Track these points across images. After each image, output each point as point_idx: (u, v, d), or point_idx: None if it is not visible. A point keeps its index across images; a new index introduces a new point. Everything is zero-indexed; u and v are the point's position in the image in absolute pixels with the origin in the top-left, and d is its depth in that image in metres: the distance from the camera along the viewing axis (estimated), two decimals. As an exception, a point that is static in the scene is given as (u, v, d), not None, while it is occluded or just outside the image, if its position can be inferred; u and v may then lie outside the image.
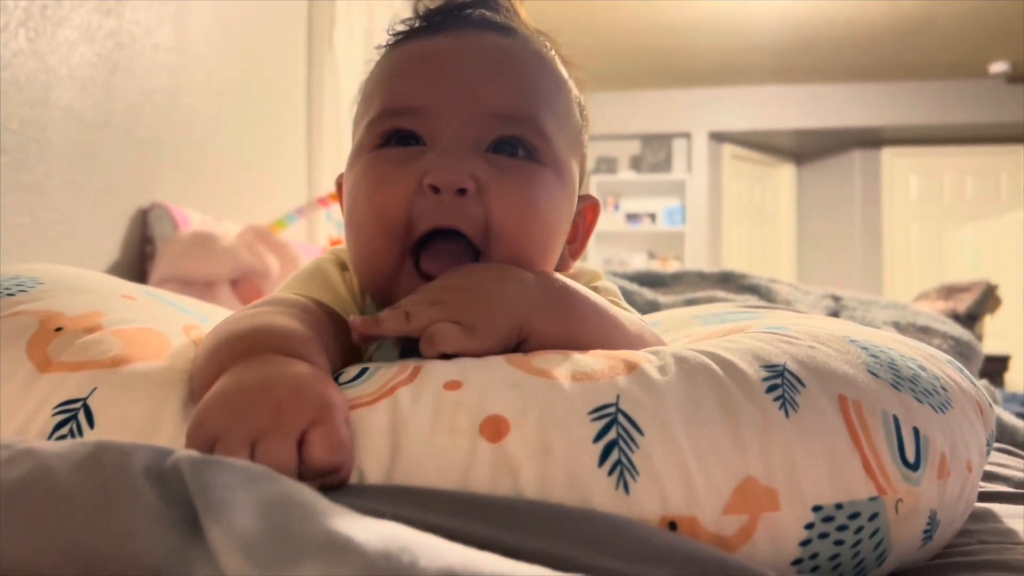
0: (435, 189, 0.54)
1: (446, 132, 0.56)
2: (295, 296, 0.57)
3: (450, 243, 0.55)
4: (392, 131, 0.57)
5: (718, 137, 6.47)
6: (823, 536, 0.42)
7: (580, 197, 0.65)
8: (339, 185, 0.67)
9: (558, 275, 0.56)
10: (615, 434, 0.41)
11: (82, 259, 1.80)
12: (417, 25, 0.61)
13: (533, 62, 0.60)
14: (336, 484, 0.40)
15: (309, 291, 0.59)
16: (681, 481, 0.41)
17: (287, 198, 2.77)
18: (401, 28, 0.62)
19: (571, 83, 0.64)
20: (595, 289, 0.63)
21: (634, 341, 0.55)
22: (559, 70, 0.62)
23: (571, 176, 0.60)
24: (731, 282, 1.56)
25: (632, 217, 6.52)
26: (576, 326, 0.53)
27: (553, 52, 0.63)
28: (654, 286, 1.56)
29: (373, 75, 0.62)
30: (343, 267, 0.63)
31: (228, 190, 2.50)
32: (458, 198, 0.54)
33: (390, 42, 0.62)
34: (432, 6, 0.62)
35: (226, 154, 2.48)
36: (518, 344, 0.52)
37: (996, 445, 0.98)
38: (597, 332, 0.53)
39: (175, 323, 0.59)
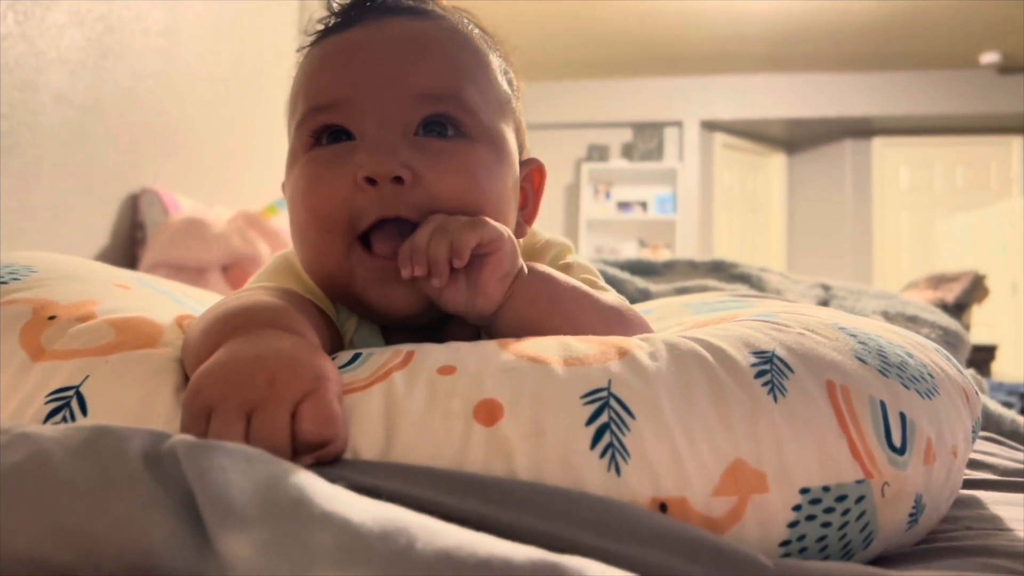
0: (371, 181, 0.54)
1: (372, 121, 0.56)
2: (270, 285, 0.58)
3: (397, 225, 0.55)
4: (321, 128, 0.57)
5: (710, 126, 6.47)
6: (811, 518, 0.43)
7: (524, 162, 0.65)
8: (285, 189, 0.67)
9: (537, 267, 0.56)
10: (607, 417, 0.42)
11: (72, 244, 1.79)
12: (332, 22, 0.61)
13: (450, 40, 0.60)
14: (330, 458, 0.40)
15: (281, 282, 0.59)
16: (672, 464, 0.41)
17: (278, 183, 2.76)
18: (318, 27, 0.62)
19: (494, 55, 0.63)
20: (566, 266, 0.64)
21: (612, 325, 0.55)
22: (477, 44, 0.62)
23: (506, 145, 0.60)
24: (722, 271, 1.57)
25: (623, 205, 6.52)
26: (542, 318, 0.53)
27: (472, 27, 0.63)
28: (645, 275, 1.56)
29: (297, 77, 0.62)
30: None
31: (219, 176, 2.49)
32: (396, 187, 0.54)
33: (309, 42, 0.62)
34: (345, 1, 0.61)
35: (217, 139, 2.47)
36: (483, 331, 0.53)
37: (982, 434, 0.99)
38: (567, 322, 0.53)
39: (168, 312, 0.60)
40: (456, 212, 0.54)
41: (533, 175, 0.67)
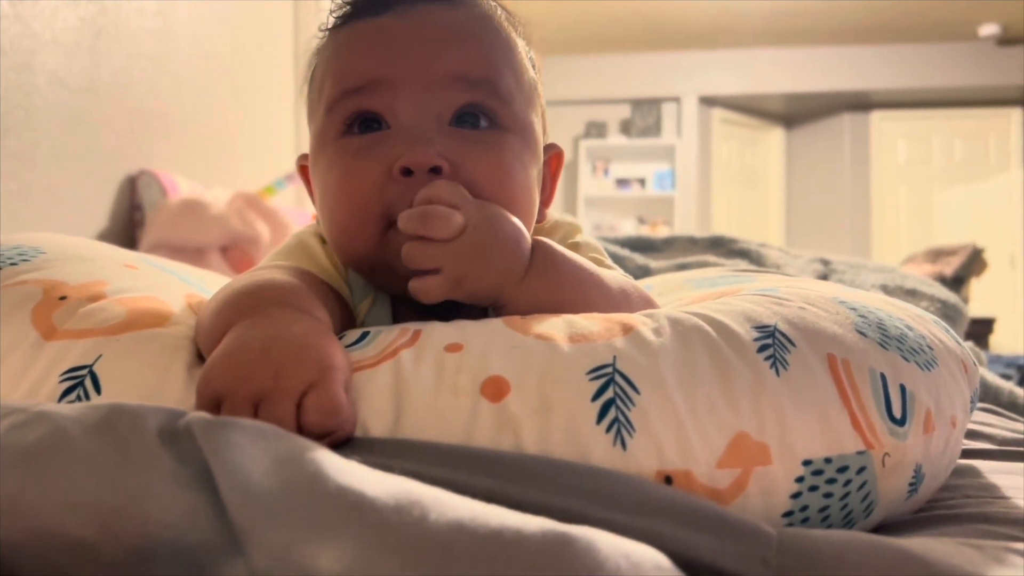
0: (407, 171, 0.54)
1: (407, 105, 0.56)
2: (285, 264, 0.58)
3: None
4: (354, 115, 0.57)
5: (708, 101, 6.45)
6: (813, 489, 0.43)
7: (545, 147, 0.65)
8: (301, 167, 0.67)
9: (551, 244, 0.56)
10: (612, 393, 0.43)
11: (71, 227, 1.79)
12: (362, 5, 0.60)
13: (483, 27, 0.60)
14: (337, 443, 0.41)
15: (295, 263, 0.60)
16: (676, 437, 0.42)
17: (276, 164, 2.76)
18: (344, 10, 0.61)
19: (520, 40, 0.63)
20: (575, 245, 0.64)
21: (619, 303, 0.55)
22: (508, 30, 0.62)
23: (535, 135, 0.61)
24: (721, 247, 1.57)
25: (622, 182, 6.51)
26: (557, 296, 0.54)
27: (500, 11, 0.63)
28: (645, 251, 1.57)
29: (322, 58, 0.61)
30: (323, 240, 0.63)
31: (216, 156, 2.49)
32: (432, 177, 0.54)
33: (334, 24, 0.62)
34: None
35: (214, 120, 2.46)
36: (493, 306, 0.53)
37: (980, 405, 1.00)
38: (579, 299, 0.54)
39: (176, 291, 0.60)
40: (491, 202, 0.55)
41: (552, 160, 0.67)
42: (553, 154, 0.67)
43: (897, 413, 0.46)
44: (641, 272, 1.37)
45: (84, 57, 1.83)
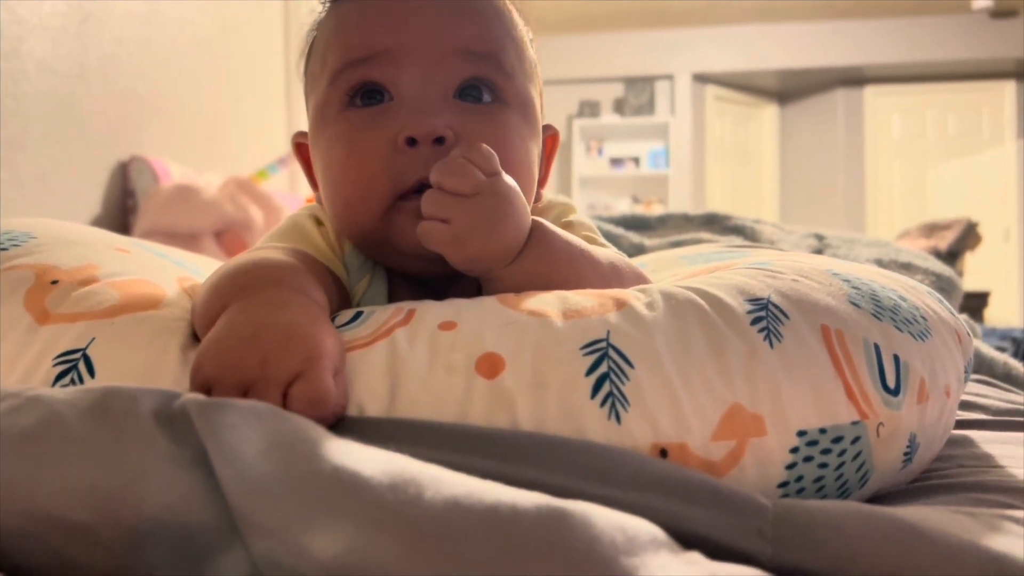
0: (412, 141, 0.54)
1: (412, 78, 0.56)
2: (282, 246, 0.58)
3: None
4: (358, 85, 0.57)
5: (701, 79, 6.42)
6: (808, 459, 0.44)
7: (543, 128, 0.65)
8: (297, 145, 0.67)
9: (545, 223, 0.56)
10: (606, 367, 0.43)
11: (64, 214, 1.79)
12: None
13: (486, 1, 0.60)
14: (330, 424, 0.41)
15: (291, 244, 0.59)
16: (671, 410, 0.42)
17: (268, 148, 2.75)
18: None
19: (520, 17, 0.63)
20: (568, 224, 0.64)
21: (610, 279, 0.55)
22: (509, 6, 0.62)
23: (535, 112, 0.61)
24: (716, 224, 1.57)
25: (616, 161, 6.49)
26: (549, 274, 0.53)
27: None
28: (640, 229, 1.57)
29: (324, 29, 0.61)
30: (318, 222, 0.63)
31: (208, 141, 2.47)
32: (437, 148, 0.54)
33: None
34: None
35: (204, 104, 2.45)
36: (485, 282, 0.53)
37: (975, 377, 1.00)
38: (571, 276, 0.54)
39: (169, 274, 0.60)
40: None
41: (548, 140, 0.67)
42: (549, 135, 0.67)
43: (891, 383, 0.47)
44: (636, 250, 1.37)
45: (72, 42, 1.82)
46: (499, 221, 0.51)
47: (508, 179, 0.53)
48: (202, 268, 0.71)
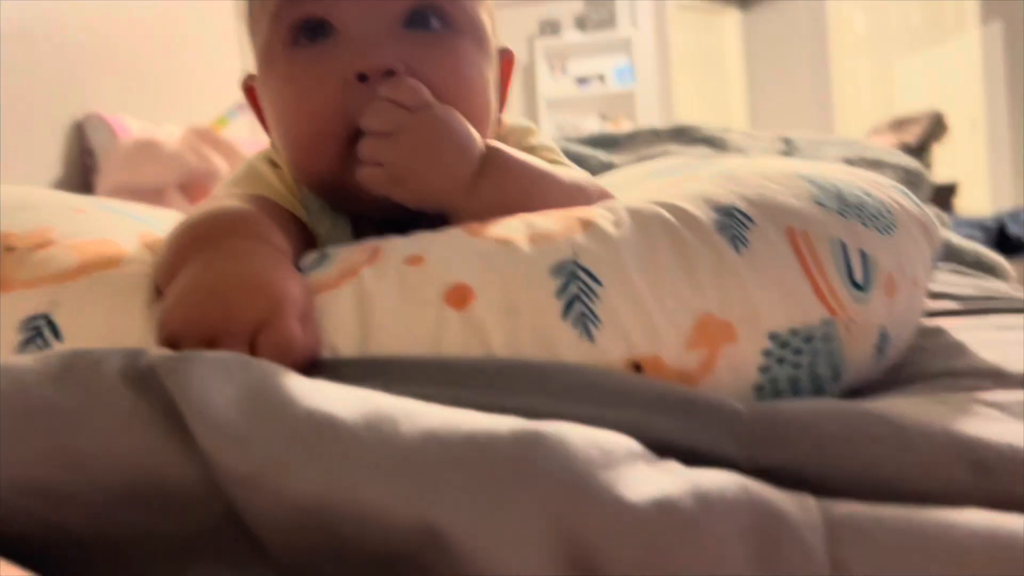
0: (362, 77, 0.52)
1: (355, 10, 0.53)
2: (239, 192, 0.57)
3: None
4: (299, 21, 0.54)
5: (661, -12, 6.31)
6: (780, 361, 0.44)
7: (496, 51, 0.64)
8: (247, 88, 0.64)
9: (500, 146, 0.55)
10: (576, 288, 0.43)
11: (21, 179, 1.74)
12: None
13: None
14: (302, 367, 0.41)
15: (249, 190, 0.58)
16: (642, 324, 0.42)
17: (225, 94, 2.68)
18: None
19: None
20: (530, 147, 0.63)
21: (575, 199, 0.54)
22: None
23: (486, 35, 0.59)
24: (684, 136, 1.56)
25: (581, 80, 6.40)
26: (511, 200, 0.53)
27: None
28: (608, 147, 1.55)
29: None
30: (275, 165, 0.62)
31: (163, 92, 2.41)
32: (388, 81, 0.52)
33: None
34: None
35: (156, 54, 2.37)
36: (449, 216, 0.53)
37: (947, 266, 1.02)
38: (534, 200, 0.53)
39: (129, 231, 0.59)
40: (448, 104, 0.53)
41: (503, 64, 0.65)
42: (504, 58, 0.65)
43: (859, 279, 0.47)
44: (605, 168, 1.36)
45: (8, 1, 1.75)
46: (434, 153, 0.51)
47: (442, 109, 0.52)
48: (163, 223, 0.69)
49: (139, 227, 0.61)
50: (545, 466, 0.29)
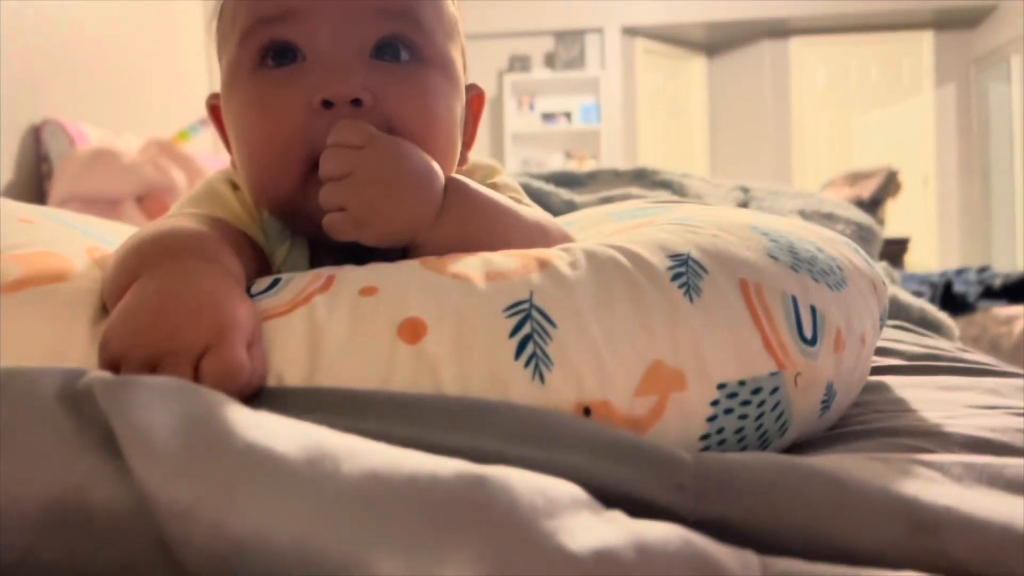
0: (328, 104, 0.52)
1: (325, 36, 0.53)
2: (196, 212, 0.56)
3: None
4: (268, 44, 0.54)
5: (630, 31, 6.42)
6: (728, 412, 0.44)
7: (466, 87, 0.64)
8: (211, 107, 0.64)
9: (464, 181, 0.55)
10: (529, 328, 0.43)
11: (-28, 183, 1.70)
12: None
13: None
14: (248, 396, 0.40)
15: (206, 210, 0.57)
16: (594, 368, 0.42)
17: (189, 108, 2.65)
18: None
19: None
20: (493, 186, 0.63)
21: (537, 239, 0.55)
22: None
23: (456, 70, 0.59)
24: (645, 178, 1.58)
25: (547, 116, 6.47)
26: (474, 235, 0.52)
27: None
28: (570, 186, 1.57)
29: None
30: (235, 186, 0.61)
31: (126, 102, 2.38)
32: (354, 110, 0.52)
33: None
34: None
35: (121, 63, 2.35)
36: (409, 248, 0.52)
37: (892, 322, 1.04)
38: (496, 237, 0.53)
39: (77, 245, 0.57)
40: (412, 138, 0.53)
41: (473, 101, 0.65)
42: (474, 95, 0.65)
43: (808, 333, 0.48)
44: (567, 207, 1.37)
45: (-31, -1, 1.72)
46: (395, 192, 0.50)
47: (389, 140, 0.51)
48: (115, 237, 0.68)
49: (88, 241, 0.60)
50: (487, 511, 0.28)
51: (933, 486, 0.37)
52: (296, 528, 0.28)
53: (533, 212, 0.59)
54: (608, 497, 0.33)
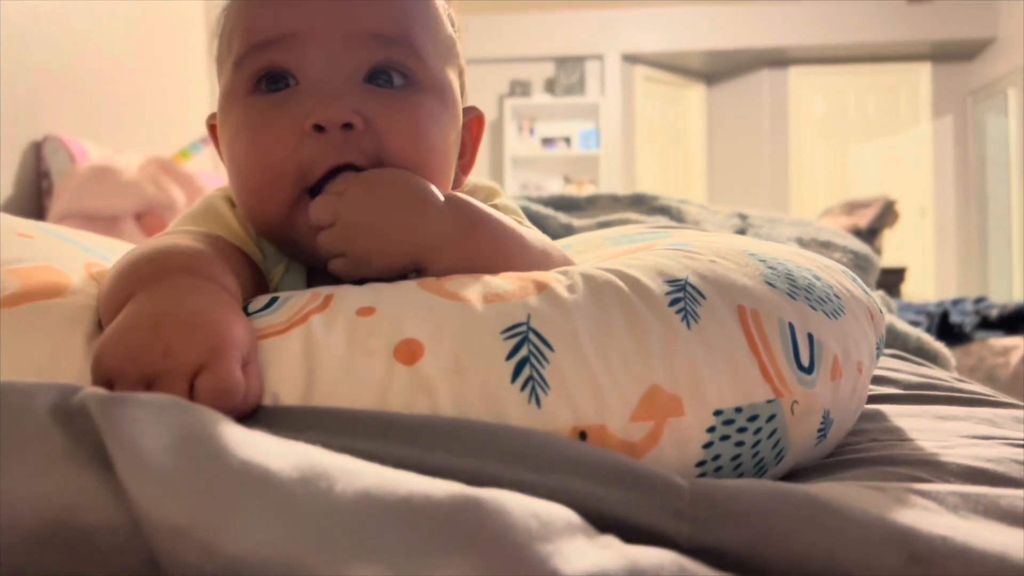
0: (319, 128, 0.52)
1: (319, 62, 0.54)
2: (194, 229, 0.56)
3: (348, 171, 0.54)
4: (262, 69, 0.55)
5: (630, 59, 6.47)
6: (724, 438, 0.44)
7: (465, 110, 0.64)
8: (211, 127, 0.64)
9: (467, 199, 0.55)
10: (526, 351, 0.43)
11: (-28, 197, 1.71)
12: None
13: None
14: (243, 415, 0.40)
15: (205, 227, 0.57)
16: (590, 392, 0.42)
17: (190, 126, 2.66)
18: None
19: None
20: (494, 207, 0.63)
21: (540, 262, 0.55)
22: None
23: (452, 94, 0.59)
24: (643, 204, 1.59)
25: (547, 141, 6.51)
26: (479, 255, 0.52)
27: None
28: (568, 210, 1.57)
29: (231, 12, 0.58)
30: (233, 204, 0.61)
31: (127, 119, 2.39)
32: (347, 134, 0.52)
33: None
34: None
35: (123, 81, 2.36)
36: (416, 271, 0.52)
37: (888, 351, 1.04)
38: (501, 258, 0.53)
39: (75, 260, 0.58)
40: (404, 163, 0.53)
41: (472, 123, 0.66)
42: (474, 117, 0.65)
43: (805, 361, 0.48)
44: (565, 231, 1.38)
45: (-25, 16, 1.73)
46: (387, 227, 0.51)
47: (372, 183, 0.52)
48: (113, 253, 0.68)
49: (87, 257, 0.60)
50: (481, 533, 0.28)
51: (929, 516, 0.36)
52: (289, 548, 0.28)
53: (536, 234, 0.59)
54: (603, 522, 0.33)
